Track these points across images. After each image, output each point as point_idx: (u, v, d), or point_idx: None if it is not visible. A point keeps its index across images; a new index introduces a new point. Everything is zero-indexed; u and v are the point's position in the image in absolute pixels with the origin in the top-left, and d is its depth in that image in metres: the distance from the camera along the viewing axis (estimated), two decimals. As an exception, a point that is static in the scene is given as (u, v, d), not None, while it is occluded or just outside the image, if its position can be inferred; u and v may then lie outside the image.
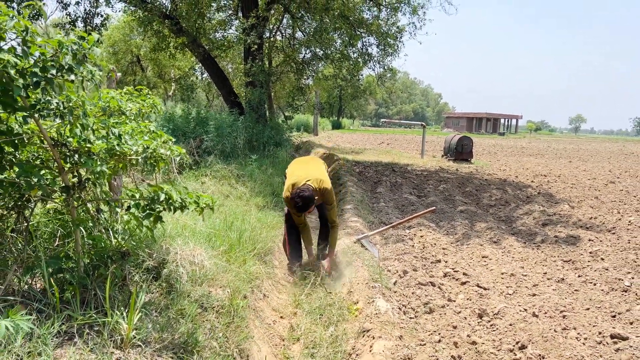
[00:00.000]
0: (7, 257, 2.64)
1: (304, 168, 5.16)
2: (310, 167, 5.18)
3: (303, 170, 5.10)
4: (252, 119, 11.55)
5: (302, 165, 5.29)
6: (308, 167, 5.21)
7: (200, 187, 7.00)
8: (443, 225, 7.80)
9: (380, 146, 26.05)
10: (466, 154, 17.86)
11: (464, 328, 4.03)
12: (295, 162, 5.54)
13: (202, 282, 3.29)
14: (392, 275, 5.32)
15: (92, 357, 2.10)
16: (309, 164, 5.37)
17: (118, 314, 2.35)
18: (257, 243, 4.78)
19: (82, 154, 2.45)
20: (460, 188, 11.71)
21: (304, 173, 4.99)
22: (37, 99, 2.27)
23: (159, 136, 2.67)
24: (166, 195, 2.47)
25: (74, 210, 2.55)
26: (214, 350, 2.72)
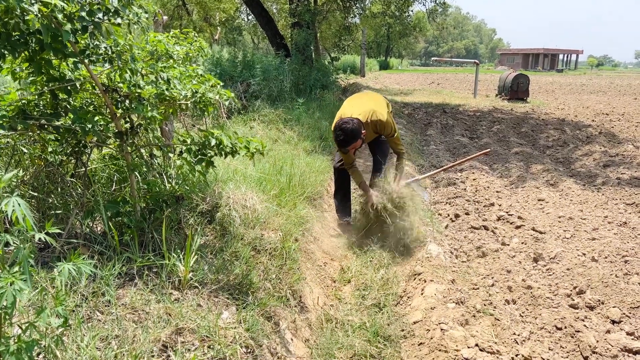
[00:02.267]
0: (69, 201, 2.74)
1: (356, 102, 4.63)
2: (363, 101, 4.65)
3: (355, 104, 4.57)
4: (298, 61, 11.35)
5: (354, 101, 4.74)
6: (361, 101, 4.67)
7: (248, 132, 7.03)
8: (497, 167, 7.56)
9: (430, 86, 25.22)
10: (522, 92, 17.01)
11: (519, 272, 3.95)
12: (351, 97, 4.99)
13: (254, 225, 3.33)
14: (443, 219, 5.24)
15: (152, 298, 2.17)
16: (363, 98, 4.84)
17: (175, 257, 2.42)
18: (306, 187, 4.78)
19: (132, 99, 2.45)
20: (515, 129, 11.24)
21: (355, 107, 4.45)
22: (86, 44, 2.26)
23: (208, 80, 2.63)
24: (217, 140, 2.46)
25: (128, 156, 2.59)
26: (268, 291, 2.78)
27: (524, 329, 3.10)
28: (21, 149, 2.79)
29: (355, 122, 4.11)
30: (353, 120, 4.12)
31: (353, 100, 4.76)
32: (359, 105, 4.47)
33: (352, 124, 4.09)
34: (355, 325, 3.03)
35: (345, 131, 4.07)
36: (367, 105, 4.41)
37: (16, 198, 1.32)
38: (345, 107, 4.51)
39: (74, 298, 1.96)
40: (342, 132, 4.08)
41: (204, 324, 2.09)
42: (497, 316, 3.16)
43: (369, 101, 4.56)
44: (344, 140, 4.11)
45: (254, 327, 2.32)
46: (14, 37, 2.09)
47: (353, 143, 4.15)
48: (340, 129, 4.10)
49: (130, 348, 1.80)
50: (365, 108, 4.35)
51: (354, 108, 4.38)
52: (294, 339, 2.71)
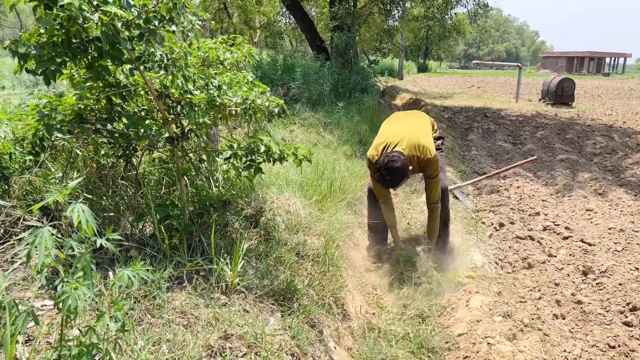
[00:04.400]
0: (120, 203, 2.81)
1: (400, 124, 3.88)
2: (408, 125, 3.87)
3: (398, 126, 3.82)
4: (338, 64, 11.34)
5: (398, 121, 4.01)
6: (406, 123, 3.92)
7: (288, 135, 7.06)
8: (541, 175, 7.34)
9: (470, 90, 24.77)
10: (567, 97, 16.48)
11: (567, 286, 3.82)
12: (392, 117, 4.26)
13: (297, 230, 3.33)
14: (487, 228, 5.12)
15: (201, 302, 2.20)
16: (409, 119, 4.07)
17: (223, 261, 2.44)
18: (347, 192, 4.76)
19: (184, 105, 2.49)
20: (560, 135, 10.90)
21: (398, 132, 3.70)
22: (142, 51, 2.31)
23: (257, 86, 2.65)
24: (266, 146, 2.47)
25: (178, 160, 2.63)
26: (311, 298, 2.77)
27: (574, 346, 2.99)
28: (76, 151, 2.88)
29: (402, 159, 3.43)
30: (400, 158, 3.43)
31: (394, 123, 4.03)
32: (403, 132, 3.70)
33: (401, 161, 3.41)
34: (399, 335, 2.99)
35: (392, 171, 3.41)
36: (413, 134, 3.67)
37: (80, 204, 1.35)
38: (387, 134, 3.77)
39: (127, 301, 2.00)
40: (387, 172, 3.42)
41: (251, 331, 2.10)
42: (545, 331, 3.07)
43: (414, 127, 3.82)
44: (389, 181, 3.48)
45: (300, 335, 2.31)
46: (74, 45, 2.16)
47: (400, 183, 3.55)
48: (385, 168, 3.42)
49: (180, 353, 1.82)
50: (411, 139, 3.61)
51: (398, 136, 3.65)
52: (337, 347, 2.69)
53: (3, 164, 2.43)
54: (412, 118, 4.11)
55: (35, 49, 2.06)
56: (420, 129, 3.79)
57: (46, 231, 1.30)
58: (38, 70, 2.05)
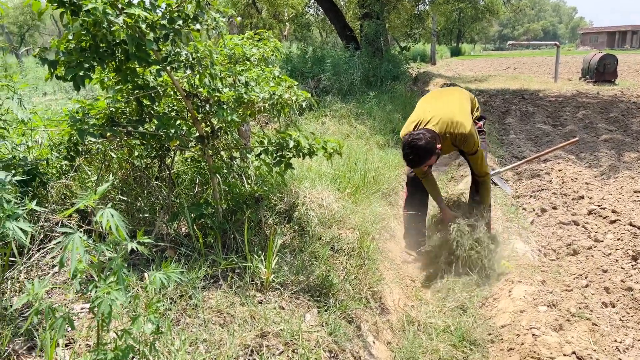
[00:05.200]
0: (155, 203, 2.84)
1: (434, 105, 3.70)
2: (443, 101, 3.75)
3: (431, 107, 3.65)
4: (368, 53, 11.20)
5: (431, 102, 3.82)
6: (439, 102, 3.76)
7: (320, 128, 7.02)
8: (584, 156, 7.04)
9: (506, 72, 24.07)
10: (609, 74, 15.78)
11: (616, 272, 3.64)
12: (428, 94, 4.12)
13: (331, 224, 3.30)
14: (528, 214, 4.96)
15: (237, 300, 2.19)
16: (443, 98, 3.89)
17: (257, 259, 2.43)
18: (381, 184, 4.69)
19: (212, 103, 2.48)
20: (602, 114, 10.44)
21: (431, 111, 3.56)
22: (168, 51, 2.31)
23: (284, 81, 2.62)
24: (295, 142, 2.44)
25: (209, 159, 2.63)
26: (348, 293, 2.73)
27: (626, 336, 2.85)
28: (110, 154, 2.93)
29: (427, 136, 3.33)
30: (425, 135, 3.33)
31: (429, 100, 3.91)
32: (436, 109, 3.60)
33: (425, 139, 3.30)
34: (439, 328, 2.92)
35: (416, 149, 3.32)
36: (446, 111, 3.54)
37: (109, 209, 1.36)
38: (420, 111, 3.68)
39: (163, 301, 2.02)
40: (411, 151, 3.33)
41: (287, 328, 2.08)
42: (594, 321, 2.93)
43: (449, 104, 3.68)
44: (413, 160, 3.38)
45: (337, 331, 2.28)
46: (101, 49, 2.17)
47: (426, 162, 3.42)
48: (409, 146, 3.33)
49: (217, 353, 1.82)
50: (444, 115, 3.49)
51: (430, 113, 3.55)
52: (375, 342, 2.65)
53: (40, 169, 2.48)
54: (449, 95, 3.95)
55: (63, 55, 2.09)
56: (455, 105, 3.64)
57: (77, 237, 1.31)
58: (67, 76, 2.08)
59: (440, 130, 3.44)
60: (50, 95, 17.11)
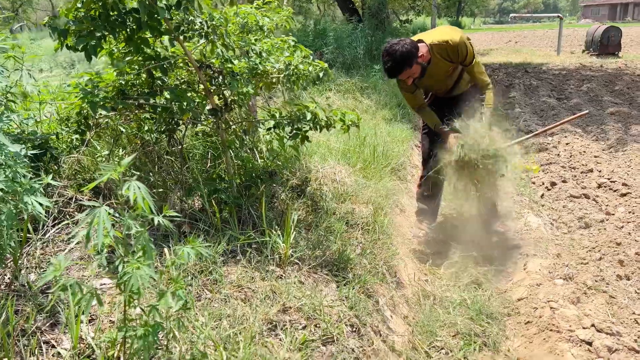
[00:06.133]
0: (167, 179, 2.78)
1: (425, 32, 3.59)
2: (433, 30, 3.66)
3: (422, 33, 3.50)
4: (371, 25, 10.99)
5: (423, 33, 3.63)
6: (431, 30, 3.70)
7: (325, 102, 6.91)
8: (591, 130, 6.98)
9: (508, 45, 23.78)
10: (613, 47, 15.57)
11: (630, 245, 3.62)
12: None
13: (344, 199, 3.25)
14: (537, 188, 4.92)
15: (257, 275, 2.16)
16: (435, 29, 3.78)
17: (275, 234, 2.39)
18: (390, 158, 4.63)
19: (225, 75, 2.41)
20: (607, 87, 10.33)
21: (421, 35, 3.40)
22: (180, 20, 2.22)
23: (300, 50, 2.54)
24: (312, 114, 2.37)
25: (222, 133, 2.57)
26: (364, 268, 2.70)
27: (643, 308, 2.84)
28: (119, 128, 2.86)
29: (407, 41, 3.10)
30: (405, 40, 3.11)
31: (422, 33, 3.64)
32: (426, 33, 3.50)
33: (403, 44, 3.06)
34: (455, 302, 2.90)
35: (393, 55, 3.03)
36: (436, 30, 3.49)
37: (135, 182, 1.30)
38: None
39: (184, 275, 1.99)
40: (389, 57, 3.05)
41: (309, 302, 2.06)
42: (611, 293, 2.92)
43: (440, 29, 3.56)
44: (391, 67, 3.09)
45: (357, 305, 2.26)
46: (112, 17, 2.09)
47: (405, 70, 3.11)
48: (387, 52, 3.07)
49: (241, 328, 1.79)
50: (433, 31, 3.45)
51: (420, 36, 3.38)
52: (393, 316, 2.63)
53: (51, 144, 2.42)
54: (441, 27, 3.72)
55: (74, 24, 2.00)
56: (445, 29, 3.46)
57: (103, 211, 1.26)
58: (78, 45, 2.00)
59: (428, 40, 3.25)
60: (46, 72, 16.89)
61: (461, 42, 3.24)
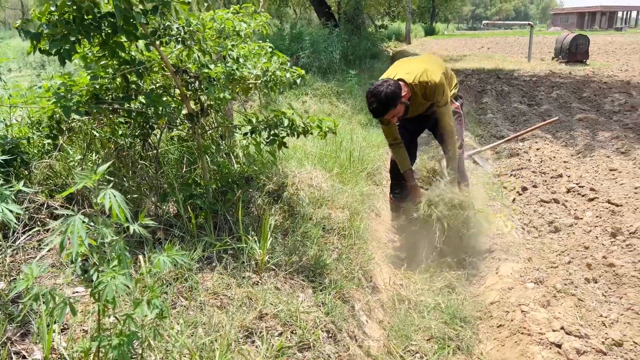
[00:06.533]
0: (141, 184, 2.75)
1: (406, 63, 3.63)
2: (414, 61, 3.68)
3: (403, 65, 3.59)
4: (347, 30, 11.07)
5: (404, 62, 3.73)
6: (412, 61, 3.69)
7: (301, 107, 6.93)
8: (561, 136, 7.17)
9: (480, 51, 24.23)
10: (581, 54, 16.03)
11: (597, 248, 3.73)
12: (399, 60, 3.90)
13: (321, 204, 3.27)
14: (509, 193, 5.03)
15: (233, 282, 2.15)
16: (417, 58, 3.86)
17: (251, 240, 2.39)
18: (366, 163, 4.68)
19: (202, 80, 2.40)
20: (576, 93, 10.63)
21: (402, 67, 3.49)
22: (157, 25, 2.21)
23: (277, 56, 2.54)
24: (289, 120, 2.38)
25: (199, 138, 2.55)
26: (340, 273, 2.72)
27: (610, 311, 2.93)
28: (93, 132, 2.81)
29: (391, 82, 3.21)
30: (388, 81, 3.22)
31: (402, 61, 3.78)
32: (407, 65, 3.55)
33: (387, 85, 3.17)
34: (430, 306, 2.95)
35: (378, 96, 3.16)
36: (417, 65, 3.48)
37: (111, 190, 1.29)
38: (390, 69, 3.59)
39: (159, 283, 1.97)
40: (374, 99, 3.18)
41: (285, 309, 2.06)
42: (579, 296, 3.01)
43: (421, 61, 3.61)
44: (376, 109, 3.21)
45: (333, 311, 2.27)
46: (87, 22, 2.06)
47: (390, 111, 3.22)
48: (372, 94, 3.19)
49: (217, 335, 1.78)
50: (415, 67, 3.42)
51: (400, 68, 3.48)
52: (368, 321, 2.65)
53: (22, 148, 2.36)
54: (422, 57, 3.89)
55: (47, 27, 1.97)
56: (426, 63, 3.54)
57: (78, 220, 1.24)
58: (52, 49, 1.96)
59: (410, 79, 3.33)
60: (15, 72, 16.44)
61: (440, 83, 3.34)
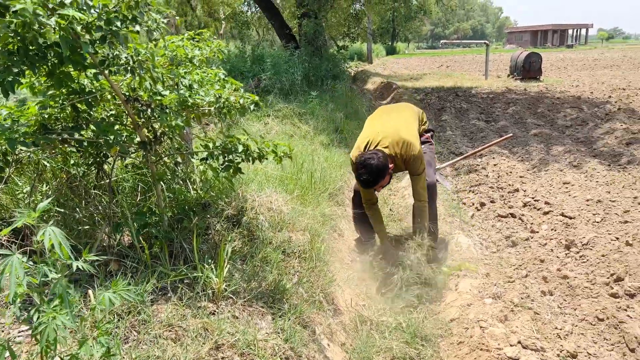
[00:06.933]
0: (95, 214, 2.69)
1: (383, 124, 3.70)
2: (393, 118, 3.77)
3: (381, 123, 3.71)
4: (308, 52, 11.20)
5: (381, 117, 3.87)
6: (390, 117, 3.79)
7: (263, 128, 6.94)
8: (517, 151, 7.40)
9: (440, 69, 24.91)
10: (534, 71, 16.70)
11: (552, 261, 3.85)
12: (376, 112, 4.10)
13: (281, 227, 3.26)
14: (468, 208, 5.14)
15: (188, 312, 2.12)
16: (393, 113, 3.94)
17: (207, 267, 2.35)
18: (327, 183, 4.70)
19: (154, 108, 2.38)
20: (531, 109, 11.02)
21: (382, 128, 3.60)
22: (106, 54, 2.19)
23: (230, 83, 2.55)
24: (244, 146, 2.38)
25: (152, 166, 2.52)
26: (301, 297, 2.71)
27: (565, 322, 3.01)
28: (43, 163, 2.74)
29: (380, 156, 3.33)
30: (378, 155, 3.33)
31: (378, 118, 3.92)
32: (386, 128, 3.61)
33: (377, 159, 3.30)
34: (391, 326, 2.96)
35: (369, 169, 3.28)
36: (396, 130, 3.56)
37: (51, 227, 1.26)
38: (369, 131, 3.69)
39: (110, 317, 1.91)
40: (365, 171, 3.30)
41: (242, 338, 2.03)
42: (535, 310, 3.08)
43: (398, 123, 3.68)
44: (367, 180, 3.34)
45: (293, 337, 2.26)
46: (32, 52, 2.02)
47: (380, 181, 3.38)
48: (363, 166, 3.31)
49: (171, 369, 1.74)
50: (395, 136, 3.51)
51: (380, 134, 3.56)
52: (330, 344, 2.64)
53: (-35, 182, 2.28)
54: (396, 112, 3.99)
55: (-12, 59, 1.92)
56: (403, 123, 3.67)
57: (16, 259, 1.21)
58: (-6, 81, 1.91)
59: (390, 152, 3.46)
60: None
61: (419, 155, 3.49)
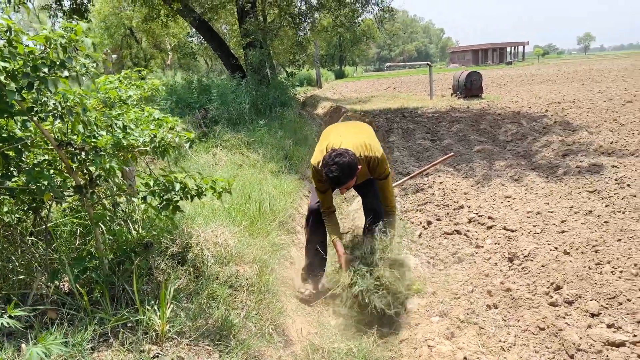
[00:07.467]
0: (31, 262, 2.61)
1: (344, 132, 3.62)
2: (351, 131, 3.67)
3: (342, 134, 3.57)
4: (254, 81, 11.30)
5: (339, 130, 3.76)
6: (349, 130, 3.69)
7: (212, 159, 6.92)
8: (461, 168, 7.66)
9: (387, 91, 25.58)
10: (476, 89, 17.44)
11: (496, 275, 3.99)
12: (331, 126, 3.97)
13: (228, 261, 3.25)
14: (415, 227, 5.26)
15: (131, 357, 2.08)
16: (350, 127, 3.88)
17: (150, 309, 2.32)
18: (277, 212, 4.73)
19: (88, 151, 2.36)
20: (474, 126, 11.47)
21: (343, 137, 3.48)
22: (34, 100, 2.16)
23: (165, 122, 2.56)
24: (181, 184, 2.39)
25: (90, 209, 2.48)
26: (249, 331, 2.70)
27: (508, 335, 3.12)
28: (-27, 212, 2.65)
29: (351, 154, 3.17)
30: (349, 152, 3.17)
31: (336, 129, 3.82)
32: (346, 135, 3.52)
33: (349, 156, 3.13)
34: (342, 352, 2.99)
35: (341, 165, 3.09)
36: (358, 137, 3.48)
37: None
38: (331, 137, 3.55)
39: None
40: (336, 167, 3.09)
41: (187, 380, 2.01)
42: (481, 324, 3.18)
43: (358, 132, 3.63)
44: (337, 177, 3.12)
45: (240, 374, 2.24)
46: (-46, 102, 1.98)
47: (349, 181, 3.20)
48: (334, 162, 3.11)
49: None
50: (357, 140, 3.42)
51: (343, 138, 3.44)
52: (282, 377, 2.64)
53: None
54: (355, 125, 3.95)
55: None
56: (364, 134, 3.59)
57: None
58: None
59: (357, 153, 3.33)
60: None
61: (382, 158, 3.46)
